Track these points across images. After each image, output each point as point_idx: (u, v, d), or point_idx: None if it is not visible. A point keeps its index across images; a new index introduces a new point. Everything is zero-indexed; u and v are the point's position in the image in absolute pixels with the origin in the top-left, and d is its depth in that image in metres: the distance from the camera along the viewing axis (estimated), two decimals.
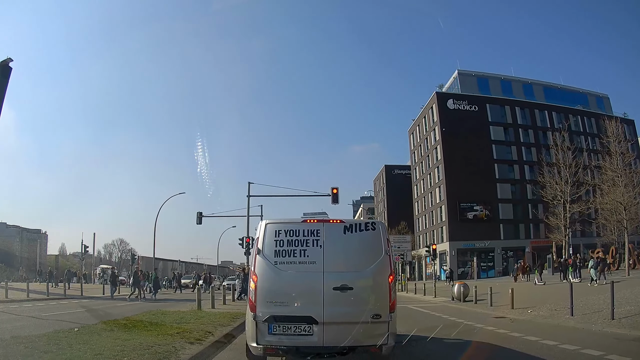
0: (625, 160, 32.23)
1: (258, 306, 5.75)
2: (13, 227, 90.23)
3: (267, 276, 5.83)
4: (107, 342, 7.55)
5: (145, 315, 12.55)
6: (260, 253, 5.94)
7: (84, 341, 7.62)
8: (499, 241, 58.71)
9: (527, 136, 63.10)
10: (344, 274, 5.81)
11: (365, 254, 5.98)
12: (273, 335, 5.69)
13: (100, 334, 8.48)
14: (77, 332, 8.89)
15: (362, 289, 5.83)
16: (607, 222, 33.98)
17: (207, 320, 11.26)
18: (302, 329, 5.66)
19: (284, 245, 5.92)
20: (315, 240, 5.93)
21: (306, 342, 5.63)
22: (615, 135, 33.04)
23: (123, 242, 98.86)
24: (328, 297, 5.68)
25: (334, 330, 5.61)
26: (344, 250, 5.96)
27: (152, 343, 7.49)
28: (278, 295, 5.76)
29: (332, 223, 6.13)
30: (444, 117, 61.24)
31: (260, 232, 6.08)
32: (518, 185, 61.03)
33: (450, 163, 59.07)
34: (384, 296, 5.84)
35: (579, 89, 69.90)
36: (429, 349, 8.05)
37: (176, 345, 7.43)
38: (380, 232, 6.14)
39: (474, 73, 66.59)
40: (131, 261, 45.53)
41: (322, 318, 5.63)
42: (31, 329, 9.65)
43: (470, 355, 7.98)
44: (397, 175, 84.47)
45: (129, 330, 9.18)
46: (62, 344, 7.32)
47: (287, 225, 6.04)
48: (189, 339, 8.10)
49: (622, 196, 29.64)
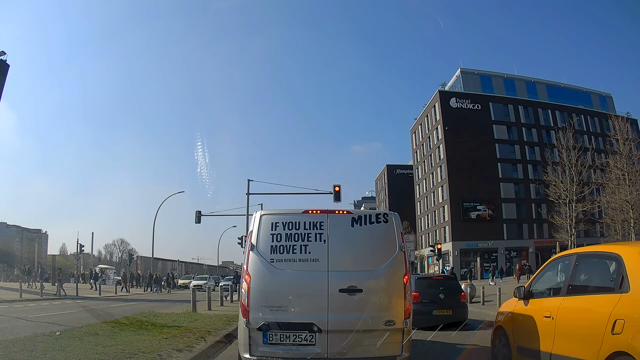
0: (632, 158, 31.70)
1: (251, 311, 4.95)
2: (13, 227, 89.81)
3: (261, 276, 5.03)
4: (86, 348, 6.85)
5: (137, 317, 11.83)
6: (254, 249, 5.12)
7: (62, 347, 6.91)
8: (503, 241, 58.04)
9: (530, 135, 62.44)
10: (351, 273, 5.02)
11: (377, 250, 5.17)
12: (269, 345, 4.90)
13: (82, 339, 7.75)
14: (58, 336, 8.18)
15: (373, 291, 5.03)
16: (612, 222, 33.51)
17: (201, 323, 10.51)
18: (303, 338, 4.87)
19: (281, 239, 5.10)
20: (319, 234, 5.12)
21: (307, 354, 4.85)
22: (622, 133, 32.55)
23: (124, 242, 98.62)
24: (333, 301, 4.90)
25: (340, 339, 4.83)
26: (352, 246, 5.14)
27: (136, 350, 6.78)
28: (274, 299, 4.97)
29: (337, 214, 5.30)
30: (446, 115, 60.58)
31: (254, 224, 5.26)
32: (522, 185, 60.34)
33: (453, 162, 58.44)
34: (398, 299, 5.04)
35: (582, 87, 69.32)
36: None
37: (162, 352, 6.70)
38: (394, 224, 5.29)
39: (477, 71, 65.92)
40: (128, 261, 44.84)
41: (326, 325, 4.84)
42: (10, 332, 9.01)
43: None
44: (399, 174, 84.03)
45: (115, 334, 8.45)
46: (36, 351, 6.62)
47: (286, 216, 5.22)
48: (177, 345, 7.34)
49: (629, 195, 29.20)
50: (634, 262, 4.14)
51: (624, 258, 4.26)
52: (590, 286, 4.91)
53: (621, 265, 4.23)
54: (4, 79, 27.32)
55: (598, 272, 4.92)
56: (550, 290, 5.43)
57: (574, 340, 4.51)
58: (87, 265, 53.10)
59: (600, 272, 4.86)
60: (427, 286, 11.94)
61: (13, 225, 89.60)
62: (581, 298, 4.73)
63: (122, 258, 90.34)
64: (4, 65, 26.83)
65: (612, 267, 4.48)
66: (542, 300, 5.41)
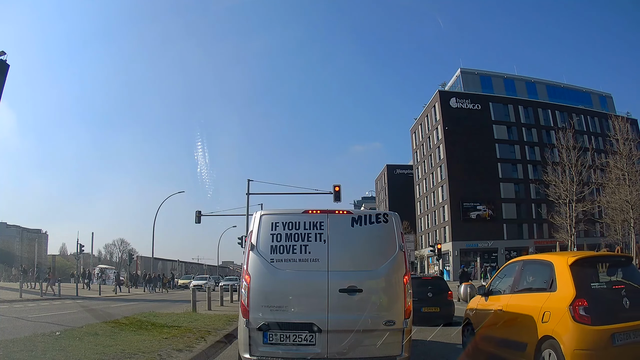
0: (632, 158, 31.68)
1: (251, 311, 4.95)
2: (13, 227, 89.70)
3: (261, 276, 5.03)
4: (86, 348, 6.85)
5: (137, 317, 11.82)
6: (254, 249, 5.11)
7: (62, 347, 6.91)
8: (503, 241, 57.98)
9: (530, 135, 62.40)
10: (351, 273, 5.02)
11: (377, 250, 5.17)
12: (269, 345, 4.89)
13: (81, 339, 7.75)
14: (58, 336, 8.18)
15: (373, 291, 5.03)
16: (612, 222, 33.51)
17: (201, 323, 10.50)
18: (303, 338, 4.87)
19: (281, 239, 5.10)
20: (319, 234, 5.11)
21: (307, 354, 4.84)
22: (622, 133, 32.52)
23: (124, 242, 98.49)
24: (333, 301, 4.89)
25: (340, 339, 4.82)
26: (352, 246, 5.14)
27: (136, 350, 6.78)
28: (274, 299, 4.96)
29: (337, 214, 5.29)
30: (446, 115, 60.54)
31: (254, 224, 5.25)
32: (522, 185, 60.29)
33: (453, 162, 58.41)
34: (399, 299, 5.04)
35: (582, 87, 69.30)
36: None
37: (162, 352, 6.70)
38: (394, 224, 5.29)
39: (477, 71, 65.89)
40: (128, 261, 44.82)
41: (326, 325, 4.84)
42: (11, 333, 9.01)
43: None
44: (399, 174, 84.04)
45: (115, 334, 8.44)
46: (36, 351, 6.63)
47: (286, 216, 5.22)
48: (177, 345, 7.33)
49: (629, 195, 29.17)
50: (561, 268, 5.35)
51: (555, 265, 5.52)
52: (530, 286, 6.15)
53: (552, 271, 5.48)
54: (4, 79, 27.23)
55: (536, 275, 6.14)
56: (503, 289, 6.65)
57: (517, 327, 5.75)
58: (87, 265, 53.02)
59: (538, 276, 6.06)
60: (417, 285, 12.49)
61: (13, 225, 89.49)
62: (523, 295, 6.03)
63: (122, 258, 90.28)
64: (4, 65, 26.77)
65: (546, 272, 5.67)
66: (497, 297, 6.65)
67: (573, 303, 4.91)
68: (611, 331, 4.76)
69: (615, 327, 4.79)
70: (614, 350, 4.73)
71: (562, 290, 5.15)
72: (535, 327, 5.27)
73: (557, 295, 5.18)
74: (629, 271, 5.61)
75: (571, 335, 4.80)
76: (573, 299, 4.94)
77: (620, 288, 5.20)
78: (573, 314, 4.85)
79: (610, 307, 4.99)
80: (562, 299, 5.04)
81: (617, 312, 4.95)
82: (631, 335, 4.79)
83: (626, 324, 4.84)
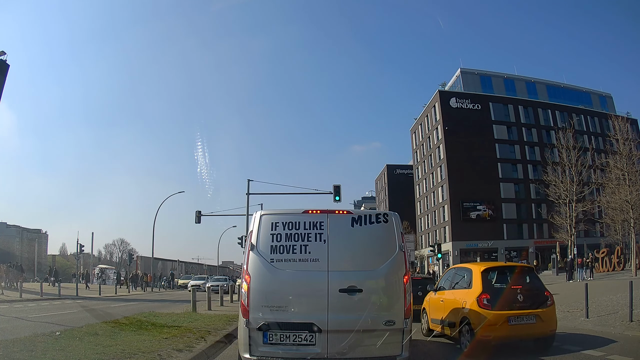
0: (632, 158, 31.68)
1: (251, 311, 4.96)
2: (13, 227, 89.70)
3: (261, 276, 5.04)
4: (86, 348, 6.83)
5: (136, 317, 11.81)
6: (253, 249, 5.12)
7: (62, 347, 6.89)
8: (503, 241, 58.08)
9: (530, 135, 62.46)
10: (351, 273, 5.03)
11: (377, 250, 5.19)
12: (269, 345, 4.90)
13: (82, 339, 7.74)
14: (58, 336, 8.16)
15: (373, 291, 5.05)
16: (612, 222, 33.53)
17: (201, 323, 10.49)
18: (303, 338, 4.88)
19: (281, 239, 5.11)
20: (319, 234, 5.12)
21: (307, 354, 4.85)
22: (622, 133, 32.52)
23: (124, 242, 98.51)
24: (333, 301, 4.91)
25: (340, 339, 4.84)
26: (352, 246, 5.16)
27: (136, 350, 6.77)
28: (274, 299, 4.98)
29: (337, 214, 5.31)
30: (446, 115, 60.56)
31: (254, 224, 5.26)
32: (522, 185, 60.36)
33: (453, 162, 58.42)
34: (399, 299, 5.06)
35: (582, 87, 69.36)
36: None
37: (162, 352, 6.69)
38: (394, 224, 5.31)
39: (477, 71, 65.92)
40: (128, 261, 44.78)
41: (326, 325, 4.86)
42: (11, 333, 8.97)
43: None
44: (399, 174, 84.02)
45: (115, 334, 8.43)
46: (36, 351, 6.61)
47: (286, 216, 5.23)
48: (177, 345, 7.32)
49: (629, 195, 29.19)
50: (476, 273, 8.06)
51: (473, 271, 8.24)
52: (460, 285, 8.64)
53: (471, 275, 8.22)
54: (4, 79, 27.27)
55: (463, 278, 8.67)
56: (444, 286, 9.47)
57: (450, 312, 8.44)
58: (87, 265, 53.00)
59: (464, 278, 8.59)
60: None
61: (13, 225, 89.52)
62: (455, 291, 8.67)
63: (122, 258, 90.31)
64: (4, 65, 26.80)
65: (469, 275, 8.34)
66: (442, 292, 9.34)
67: (479, 296, 7.48)
68: (506, 315, 7.26)
69: (510, 313, 7.30)
70: (509, 327, 7.25)
71: (475, 287, 7.79)
72: (459, 311, 7.92)
73: (472, 291, 7.81)
74: (531, 277, 8.49)
75: (476, 316, 7.35)
76: (480, 294, 7.52)
77: (517, 287, 7.67)
78: (479, 303, 7.41)
79: (507, 299, 7.42)
80: (474, 294, 7.65)
81: (512, 303, 7.40)
82: (523, 318, 7.35)
83: (518, 311, 7.37)
